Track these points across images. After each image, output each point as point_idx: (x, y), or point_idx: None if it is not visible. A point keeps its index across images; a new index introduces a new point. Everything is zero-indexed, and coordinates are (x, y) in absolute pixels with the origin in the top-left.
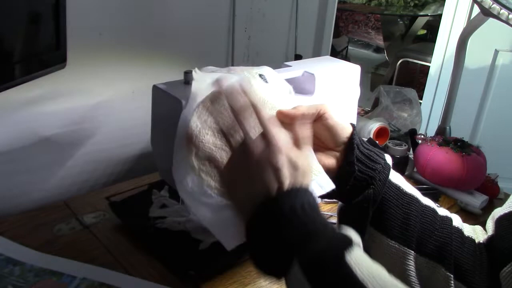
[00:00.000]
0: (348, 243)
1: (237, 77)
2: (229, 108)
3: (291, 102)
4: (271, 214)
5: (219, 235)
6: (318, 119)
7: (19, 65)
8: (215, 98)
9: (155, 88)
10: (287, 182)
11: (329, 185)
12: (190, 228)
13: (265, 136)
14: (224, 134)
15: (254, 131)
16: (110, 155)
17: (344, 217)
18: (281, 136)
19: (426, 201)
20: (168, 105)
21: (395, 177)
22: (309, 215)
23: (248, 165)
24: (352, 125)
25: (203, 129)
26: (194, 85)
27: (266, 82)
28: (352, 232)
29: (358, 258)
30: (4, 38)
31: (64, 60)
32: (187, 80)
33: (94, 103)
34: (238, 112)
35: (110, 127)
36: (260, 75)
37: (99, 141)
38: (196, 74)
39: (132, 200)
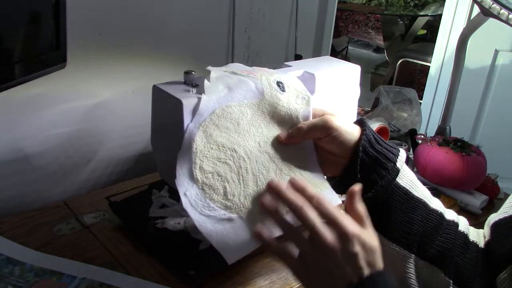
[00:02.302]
0: None
1: (252, 83)
2: (288, 208)
3: (304, 114)
4: None
5: (221, 248)
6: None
7: (19, 65)
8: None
9: (155, 88)
10: (365, 267)
11: (336, 201)
12: (190, 228)
13: (332, 225)
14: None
15: (320, 222)
16: (110, 155)
17: None
18: (347, 221)
19: (435, 204)
20: (168, 105)
21: (406, 178)
22: None
23: (322, 257)
24: (361, 123)
25: (208, 143)
26: (204, 98)
27: (283, 90)
28: None
29: None
30: (4, 38)
31: (64, 60)
32: (187, 80)
33: (94, 103)
34: (298, 210)
35: (110, 127)
36: (278, 83)
37: (99, 141)
38: (208, 83)
39: (132, 200)
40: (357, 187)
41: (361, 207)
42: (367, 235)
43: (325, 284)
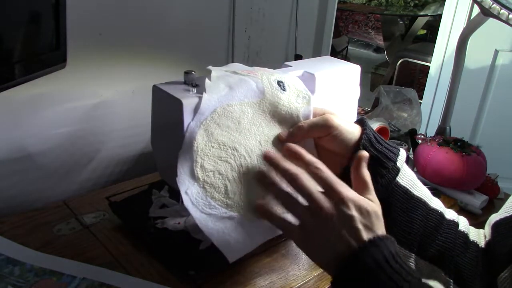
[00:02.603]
0: None
1: (253, 82)
2: (285, 178)
3: (304, 113)
4: (355, 269)
5: (222, 247)
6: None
7: (19, 65)
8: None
9: (155, 88)
10: (362, 229)
11: None
12: (190, 228)
13: (329, 191)
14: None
15: (317, 190)
16: (110, 155)
17: None
18: (344, 187)
19: (435, 203)
20: (168, 105)
21: (406, 178)
22: (394, 266)
23: (320, 224)
24: (362, 123)
25: (209, 142)
26: (205, 97)
27: (284, 90)
28: (438, 285)
29: None
30: (4, 38)
31: (64, 60)
32: (187, 80)
33: (94, 103)
34: (294, 179)
35: (110, 127)
36: (279, 82)
37: (99, 141)
38: (210, 82)
39: (132, 200)
40: (366, 153)
41: (366, 173)
42: (363, 200)
43: (326, 251)
